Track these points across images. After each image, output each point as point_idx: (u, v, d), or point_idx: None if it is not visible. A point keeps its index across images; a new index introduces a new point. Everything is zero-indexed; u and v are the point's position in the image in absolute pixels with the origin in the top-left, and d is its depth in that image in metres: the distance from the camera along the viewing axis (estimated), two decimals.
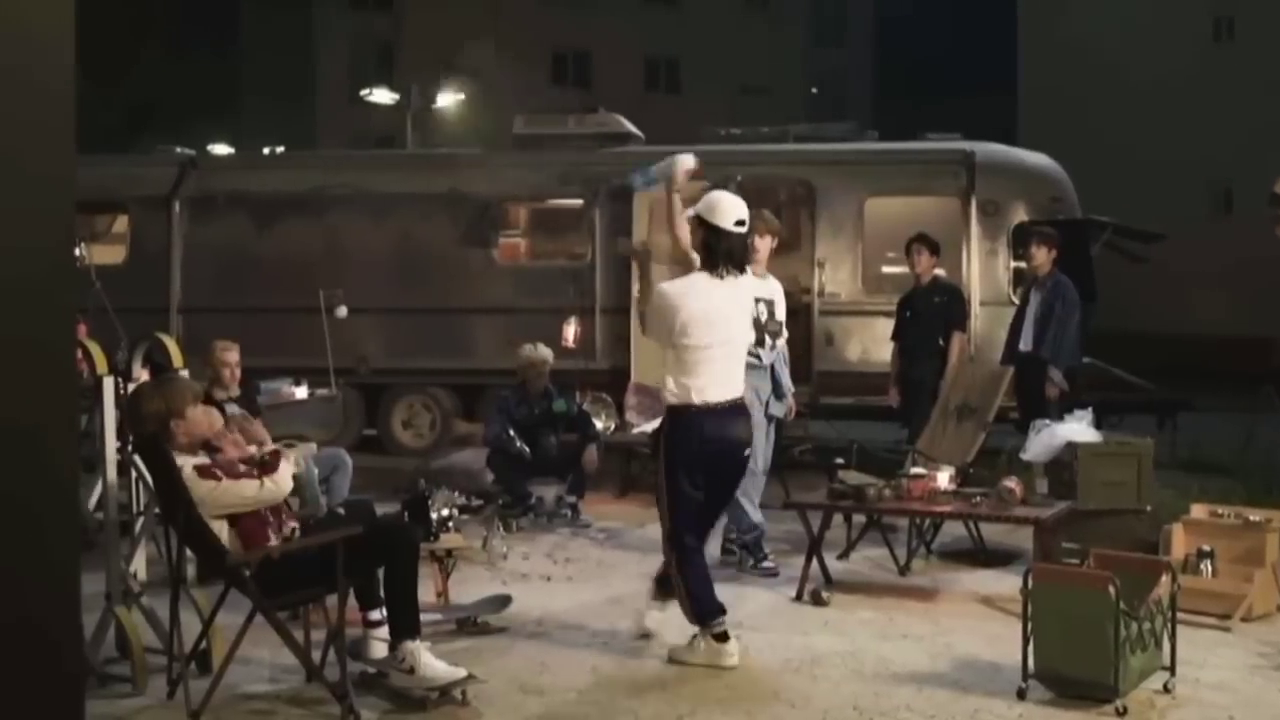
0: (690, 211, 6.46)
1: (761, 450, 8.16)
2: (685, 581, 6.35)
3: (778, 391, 8.43)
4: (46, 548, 2.58)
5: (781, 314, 8.40)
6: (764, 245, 8.25)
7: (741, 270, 6.39)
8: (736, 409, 6.38)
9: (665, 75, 40.95)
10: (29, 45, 2.50)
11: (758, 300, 7.74)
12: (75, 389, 4.14)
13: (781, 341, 8.43)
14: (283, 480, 5.64)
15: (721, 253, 6.27)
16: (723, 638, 6.26)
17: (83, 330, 7.51)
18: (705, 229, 6.32)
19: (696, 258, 6.36)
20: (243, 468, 5.66)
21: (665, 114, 28.85)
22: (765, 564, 8.25)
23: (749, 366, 7.39)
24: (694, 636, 6.34)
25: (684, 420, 6.27)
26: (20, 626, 2.55)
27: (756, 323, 7.67)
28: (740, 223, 6.33)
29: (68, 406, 2.71)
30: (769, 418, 8.41)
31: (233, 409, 8.65)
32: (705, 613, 6.31)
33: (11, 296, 2.50)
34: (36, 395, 2.54)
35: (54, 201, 2.56)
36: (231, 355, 8.68)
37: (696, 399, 6.24)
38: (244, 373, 8.86)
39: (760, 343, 8.06)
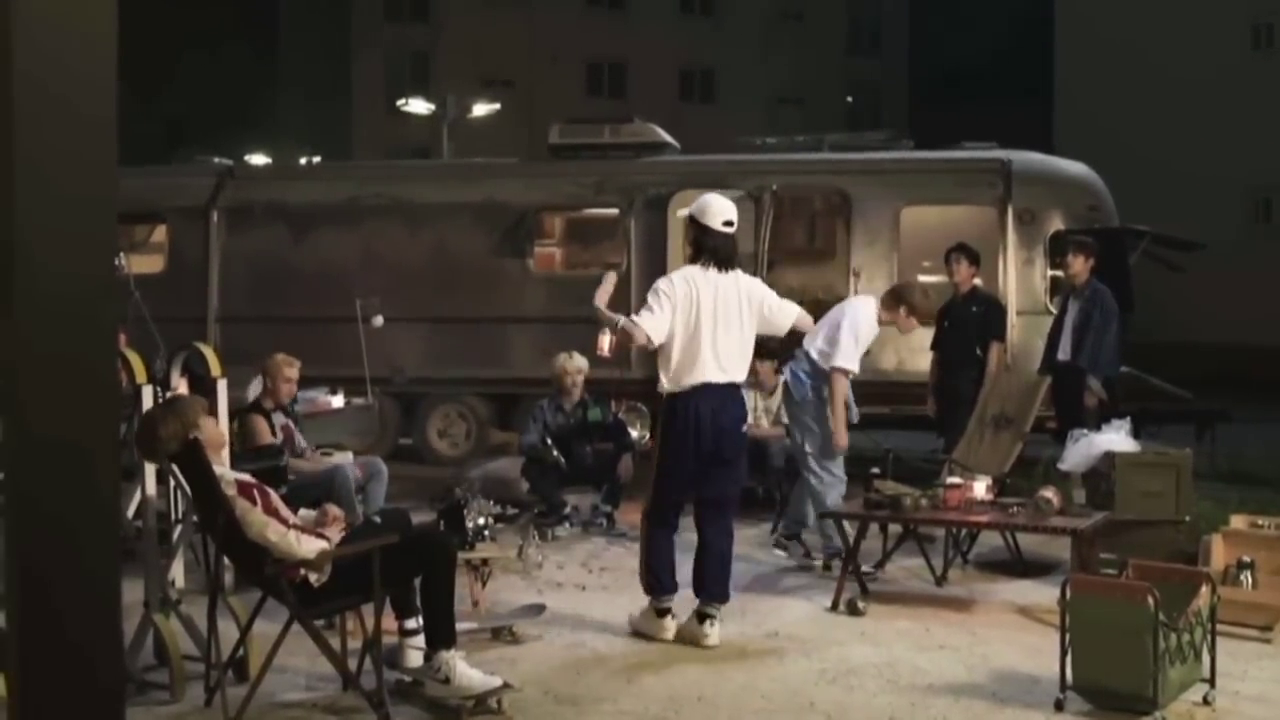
0: (684, 212, 7.10)
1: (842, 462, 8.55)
2: (647, 554, 7.03)
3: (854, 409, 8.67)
4: (87, 556, 2.60)
5: None
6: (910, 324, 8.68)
7: (729, 268, 6.93)
8: (728, 391, 6.89)
9: (700, 85, 40.98)
10: (73, 57, 2.53)
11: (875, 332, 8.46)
12: (117, 401, 4.17)
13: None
14: (306, 547, 5.57)
15: (708, 249, 6.88)
16: (663, 613, 6.90)
17: (122, 340, 7.57)
18: (696, 228, 6.95)
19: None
20: (282, 510, 5.69)
21: (701, 124, 28.91)
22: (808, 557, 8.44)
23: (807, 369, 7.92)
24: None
25: (678, 403, 6.82)
26: (61, 635, 2.58)
27: (866, 351, 8.50)
28: (728, 223, 6.92)
29: (109, 417, 2.73)
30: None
31: (279, 417, 8.74)
32: (656, 586, 6.96)
33: (56, 312, 2.53)
34: (79, 408, 2.57)
35: (96, 217, 2.59)
36: (293, 371, 8.78)
37: (688, 381, 6.80)
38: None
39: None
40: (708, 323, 6.82)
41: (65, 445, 2.54)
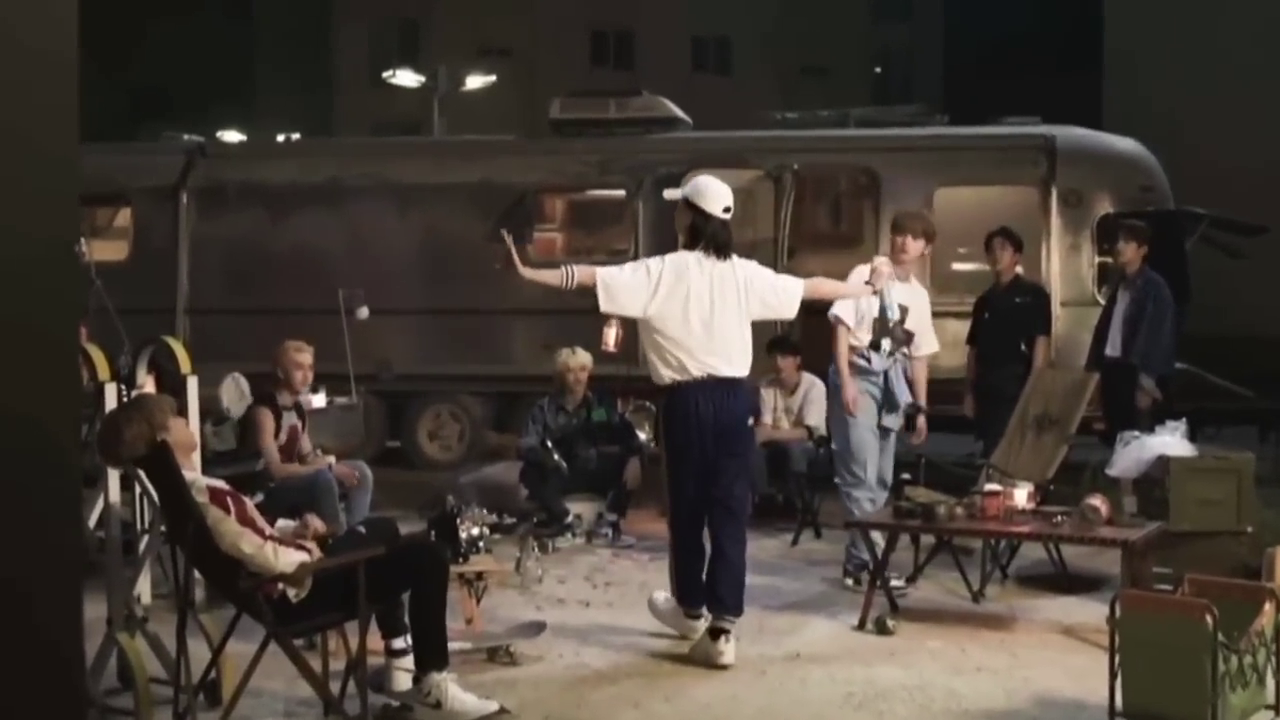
0: (675, 194, 7.15)
1: (870, 463, 8.46)
2: (676, 566, 7.22)
3: (891, 403, 8.52)
4: (46, 569, 2.60)
5: (918, 323, 8.63)
6: (915, 247, 8.60)
7: (725, 256, 6.99)
8: (729, 385, 6.98)
9: (715, 55, 40.95)
10: (29, 24, 2.52)
11: (888, 301, 8.36)
12: (78, 398, 4.17)
13: (905, 352, 8.58)
14: (285, 559, 5.58)
15: (706, 236, 6.95)
16: (694, 616, 7.09)
17: (83, 334, 7.57)
18: (693, 212, 7.00)
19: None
20: (258, 520, 5.69)
21: (715, 97, 28.89)
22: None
23: (858, 369, 8.37)
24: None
25: (676, 398, 6.96)
26: (18, 654, 2.57)
27: (882, 324, 8.37)
28: (727, 209, 7.01)
29: (69, 418, 2.73)
30: (882, 429, 8.53)
31: (290, 417, 8.77)
32: (685, 599, 7.15)
33: (11, 298, 2.53)
34: (36, 405, 2.56)
35: (56, 195, 2.58)
36: (306, 357, 8.85)
37: (685, 375, 6.91)
38: (254, 380, 8.95)
39: (875, 345, 8.45)
40: (703, 313, 6.90)
41: (21, 448, 2.54)
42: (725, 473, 7.01)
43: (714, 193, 7.03)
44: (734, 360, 7.00)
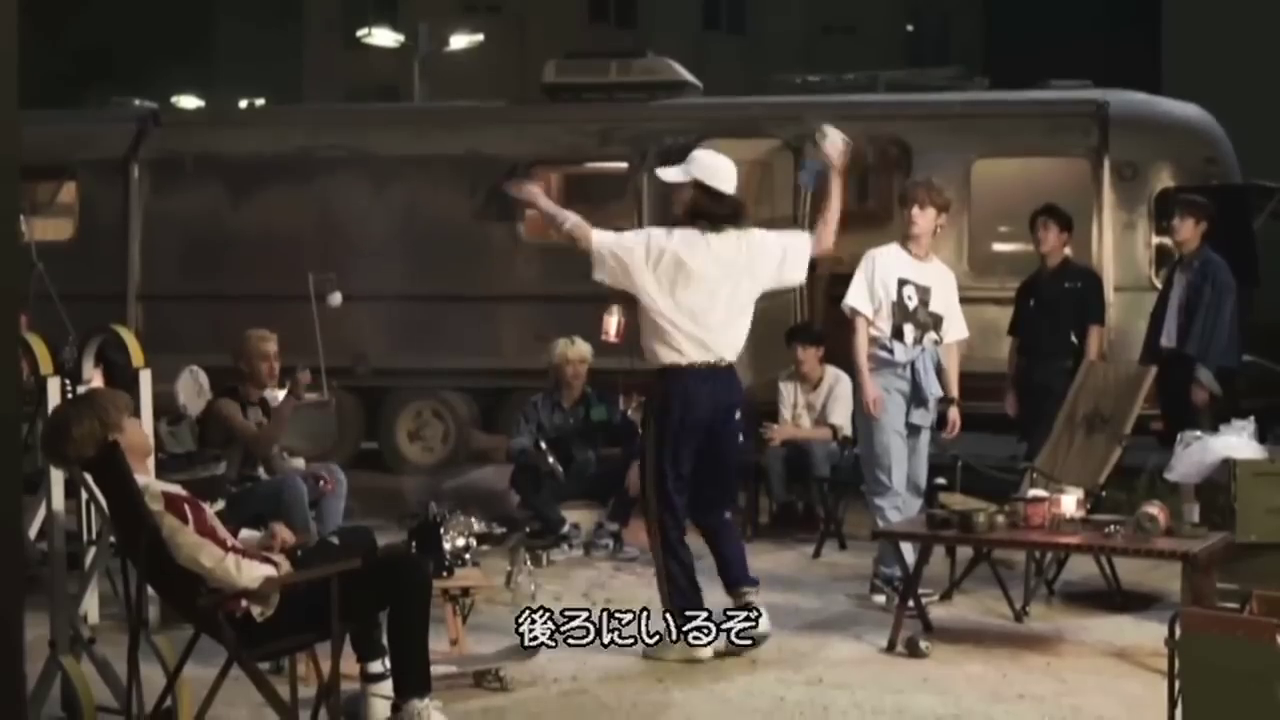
0: (673, 174, 7.33)
1: (897, 466, 8.43)
2: (668, 565, 7.34)
3: (919, 397, 8.50)
4: None
5: (943, 306, 8.64)
6: (925, 219, 8.60)
7: (733, 229, 7.21)
8: (728, 371, 7.25)
9: (728, 10, 40.91)
10: None
11: (905, 283, 8.44)
12: (17, 397, 4.17)
13: (933, 337, 8.59)
14: (249, 573, 5.56)
15: (719, 217, 7.17)
16: (697, 641, 7.14)
17: (23, 322, 7.57)
18: (703, 193, 7.19)
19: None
20: (219, 530, 5.70)
21: (728, 58, 28.96)
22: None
23: (881, 362, 8.40)
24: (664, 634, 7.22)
25: (675, 383, 7.15)
26: None
27: (901, 309, 8.42)
28: (734, 186, 7.27)
29: (7, 416, 2.73)
30: (910, 427, 8.52)
31: (255, 413, 8.79)
32: (685, 602, 7.24)
33: None
34: None
35: None
36: (270, 346, 8.93)
37: (685, 359, 7.12)
38: (215, 375, 8.96)
39: (898, 334, 8.46)
40: (707, 294, 7.13)
41: None
42: (723, 466, 7.30)
43: (719, 167, 7.24)
44: (735, 346, 7.28)
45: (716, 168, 7.24)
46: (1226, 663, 5.52)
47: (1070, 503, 7.76)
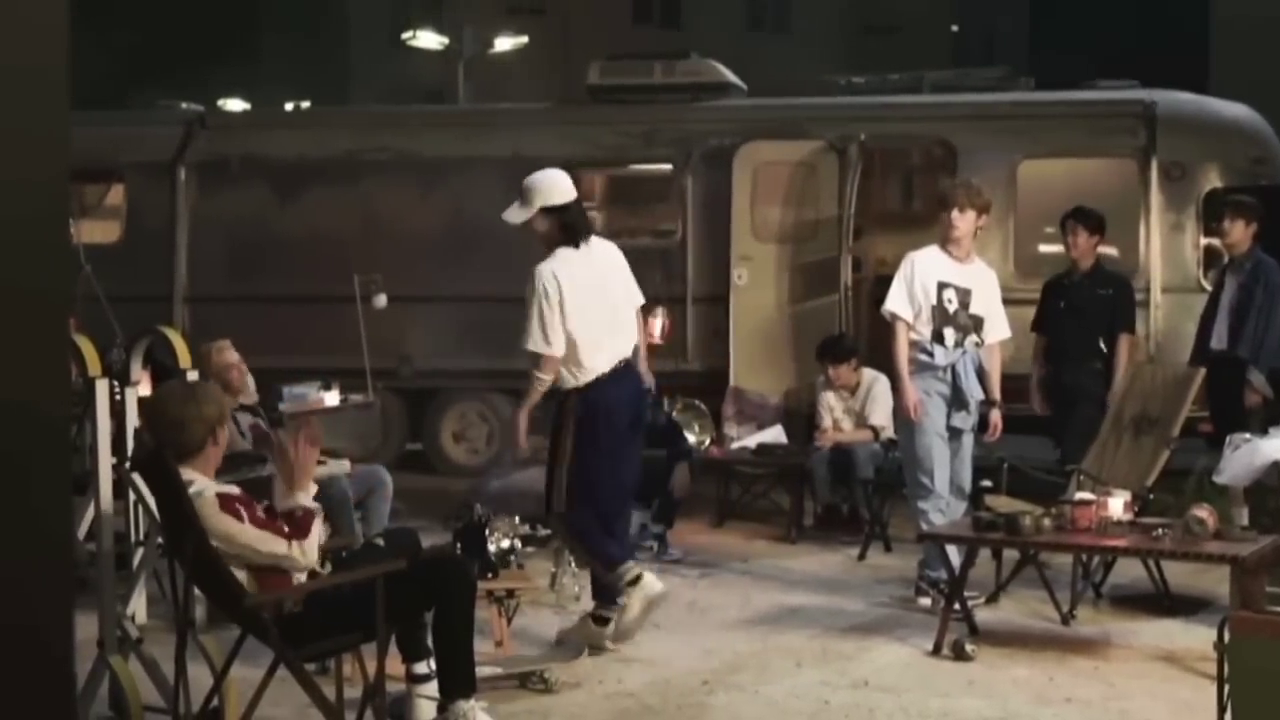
0: (520, 217, 7.52)
1: (939, 469, 8.41)
2: (592, 539, 7.54)
3: (960, 400, 8.47)
4: (33, 586, 2.61)
5: (984, 307, 8.61)
6: (965, 222, 8.53)
7: (587, 238, 7.53)
8: (631, 367, 7.62)
9: (772, 12, 40.83)
10: None
11: (945, 286, 8.42)
12: (68, 396, 4.19)
13: (975, 339, 8.56)
14: (309, 552, 5.64)
15: (575, 227, 7.48)
16: (636, 580, 7.34)
17: (71, 325, 7.61)
18: (553, 213, 7.42)
19: None
20: (265, 516, 5.71)
21: (772, 59, 28.83)
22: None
23: (922, 365, 8.41)
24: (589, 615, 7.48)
25: (591, 395, 7.43)
26: (1, 679, 2.59)
27: (942, 313, 8.41)
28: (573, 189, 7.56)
29: (58, 418, 2.73)
30: (951, 430, 8.50)
31: (245, 417, 8.79)
32: (614, 559, 7.44)
33: None
34: (21, 405, 2.57)
35: (44, 171, 2.59)
36: (230, 355, 8.87)
37: (602, 369, 7.41)
38: (260, 375, 8.97)
39: (939, 338, 8.43)
40: (601, 301, 7.47)
41: (3, 452, 2.55)
42: (635, 456, 7.78)
43: (554, 183, 7.52)
44: (632, 339, 7.67)
45: (551, 185, 7.50)
46: (1277, 667, 5.49)
47: (1118, 505, 7.72)
